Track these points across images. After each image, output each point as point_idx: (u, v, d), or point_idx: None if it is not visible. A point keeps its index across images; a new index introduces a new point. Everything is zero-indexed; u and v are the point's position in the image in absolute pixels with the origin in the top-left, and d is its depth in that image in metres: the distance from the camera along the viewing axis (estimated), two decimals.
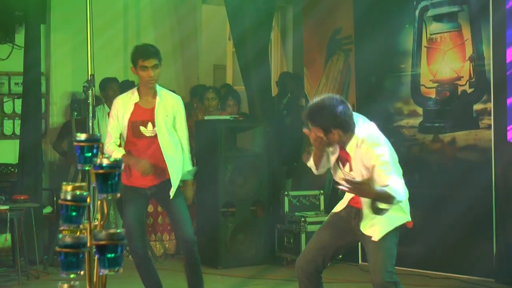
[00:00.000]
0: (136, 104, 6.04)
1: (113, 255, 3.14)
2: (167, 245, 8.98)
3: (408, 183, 7.69)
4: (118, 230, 3.18)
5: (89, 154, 3.37)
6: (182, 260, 6.31)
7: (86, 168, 3.39)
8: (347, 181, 4.53)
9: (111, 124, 6.13)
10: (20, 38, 9.03)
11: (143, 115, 6.02)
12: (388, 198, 4.62)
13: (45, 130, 9.49)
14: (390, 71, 8.12)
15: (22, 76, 8.83)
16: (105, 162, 3.28)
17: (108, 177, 3.28)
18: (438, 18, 7.67)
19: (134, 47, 6.18)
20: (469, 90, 7.47)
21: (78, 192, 3.23)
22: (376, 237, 4.90)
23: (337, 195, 8.74)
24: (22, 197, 7.88)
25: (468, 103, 7.48)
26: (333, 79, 9.04)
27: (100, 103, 8.96)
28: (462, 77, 7.51)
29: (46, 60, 9.51)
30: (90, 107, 7.41)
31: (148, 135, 6.00)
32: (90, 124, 7.38)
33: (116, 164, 3.29)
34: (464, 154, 7.55)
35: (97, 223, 3.31)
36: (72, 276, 3.13)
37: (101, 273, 3.16)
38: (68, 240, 3.12)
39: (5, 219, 7.54)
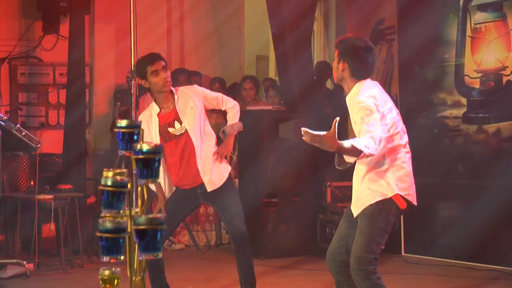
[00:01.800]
0: (158, 115, 5.97)
1: (152, 239, 3.15)
2: (208, 236, 9.02)
3: (452, 175, 7.76)
4: (158, 215, 3.20)
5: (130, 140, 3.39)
6: (225, 251, 6.31)
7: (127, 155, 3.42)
8: (305, 132, 4.40)
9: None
10: (64, 29, 9.12)
11: (168, 118, 5.94)
12: (354, 152, 4.46)
13: (89, 120, 9.58)
14: (433, 61, 8.04)
15: (66, 66, 8.90)
16: (145, 147, 3.29)
17: (149, 163, 3.29)
18: (482, 7, 7.57)
19: (136, 62, 6.12)
20: None
21: (118, 178, 3.25)
22: (355, 212, 4.86)
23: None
24: (66, 187, 7.96)
25: None
26: (376, 70, 8.95)
27: (143, 93, 9.01)
28: (507, 67, 7.41)
29: (90, 51, 9.61)
30: (134, 97, 7.43)
31: (178, 133, 5.93)
32: (133, 114, 7.42)
33: (156, 150, 3.30)
34: (508, 145, 7.46)
35: (138, 209, 3.33)
36: (112, 261, 3.16)
37: (140, 258, 3.18)
38: (108, 225, 3.14)
39: (49, 209, 7.62)
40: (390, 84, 8.91)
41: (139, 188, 3.38)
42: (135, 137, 3.41)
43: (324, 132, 4.40)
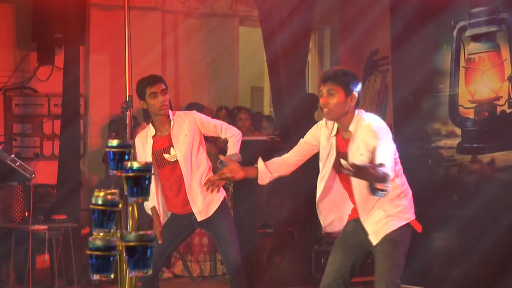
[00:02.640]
0: (153, 137, 5.98)
1: (142, 256, 3.13)
2: (202, 266, 8.98)
3: (447, 205, 7.75)
4: (148, 232, 3.19)
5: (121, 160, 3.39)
6: (220, 282, 6.29)
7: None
8: (352, 165, 4.38)
9: None
10: (60, 60, 9.14)
11: (163, 143, 5.96)
12: (385, 177, 4.45)
13: (84, 151, 9.57)
14: (427, 91, 8.06)
15: (61, 97, 8.91)
16: (135, 165, 3.29)
17: (139, 181, 3.29)
18: (476, 38, 7.61)
19: (137, 82, 6.08)
20: (508, 110, 7.39)
21: (109, 197, 3.25)
22: (375, 240, 4.83)
23: None
24: (60, 217, 7.95)
25: (507, 123, 7.39)
26: (370, 100, 9.03)
27: (138, 124, 9.02)
28: (501, 97, 7.43)
29: (85, 82, 9.62)
30: (128, 128, 7.43)
31: (172, 160, 5.94)
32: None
33: (146, 168, 3.30)
34: (503, 175, 7.46)
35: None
36: (103, 279, 3.14)
37: (130, 275, 3.16)
38: (98, 243, 3.12)
39: (43, 239, 7.60)
40: (384, 114, 8.94)
41: (130, 207, 3.37)
42: (126, 157, 3.41)
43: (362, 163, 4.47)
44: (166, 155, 5.93)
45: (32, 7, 9.02)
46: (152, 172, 3.41)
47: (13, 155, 7.31)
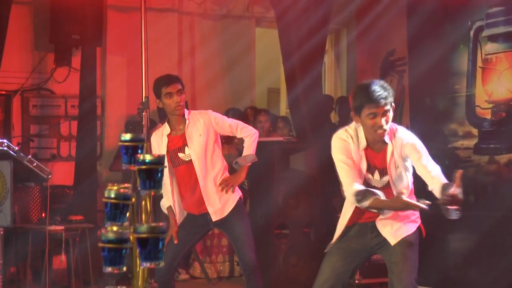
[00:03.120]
0: (168, 136, 5.99)
1: (154, 248, 3.13)
2: (221, 267, 8.98)
3: (463, 206, 7.70)
4: (160, 223, 3.19)
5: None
6: (236, 283, 6.28)
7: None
8: (452, 196, 4.57)
9: None
10: (76, 61, 9.18)
11: (178, 142, 5.96)
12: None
13: (100, 152, 9.60)
14: (444, 92, 8.04)
15: (78, 98, 8.95)
16: (148, 158, 3.28)
17: (151, 173, 3.29)
18: (493, 38, 7.58)
19: (154, 81, 6.10)
20: None
21: (122, 190, 3.24)
22: (393, 241, 4.87)
23: None
24: (77, 218, 7.97)
25: None
26: None
27: (155, 125, 9.03)
28: None
29: (102, 83, 9.65)
30: (145, 129, 7.45)
31: (187, 159, 5.95)
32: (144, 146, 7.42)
33: (159, 160, 3.29)
34: None
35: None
36: (115, 271, 3.14)
37: (142, 266, 3.16)
38: (110, 235, 3.12)
39: (60, 240, 7.62)
40: (401, 115, 8.91)
41: (143, 201, 3.38)
42: (139, 151, 3.41)
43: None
44: (180, 154, 5.94)
45: (50, 8, 9.07)
46: (166, 166, 3.40)
47: (30, 156, 7.35)
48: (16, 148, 7.04)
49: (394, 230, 4.88)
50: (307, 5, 8.84)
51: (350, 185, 4.75)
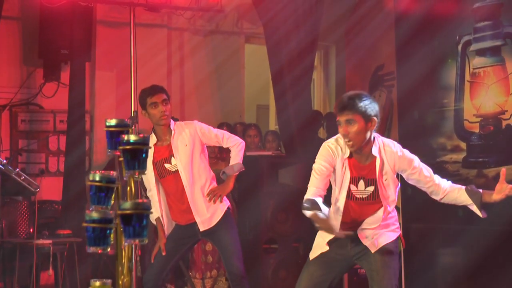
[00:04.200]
0: (154, 146, 6.00)
1: (138, 225, 3.11)
2: (207, 283, 8.94)
3: (452, 220, 7.71)
4: (144, 200, 3.16)
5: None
6: None
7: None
8: None
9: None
10: (65, 76, 9.17)
11: (164, 153, 5.98)
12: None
13: (89, 167, 9.57)
14: (432, 106, 8.04)
15: (67, 113, 8.93)
16: (132, 138, 3.26)
17: (136, 153, 3.27)
18: (481, 52, 7.60)
19: (140, 91, 6.13)
20: None
21: (106, 173, 3.23)
22: (374, 249, 4.93)
23: None
24: (65, 232, 7.94)
25: None
26: None
27: None
28: (506, 111, 7.41)
29: (91, 98, 9.64)
30: None
31: (173, 170, 5.95)
32: None
33: (144, 141, 3.28)
34: None
35: None
36: (99, 251, 3.11)
37: (126, 243, 3.13)
38: (95, 215, 3.10)
39: (48, 254, 7.58)
40: (389, 129, 8.92)
41: (128, 181, 3.35)
42: None
43: None
44: (167, 165, 5.95)
45: (39, 23, 9.05)
46: (150, 147, 3.38)
47: (18, 169, 7.33)
48: (4, 161, 7.02)
49: (375, 238, 4.91)
50: (296, 21, 8.87)
51: (308, 192, 4.81)
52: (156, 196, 6.00)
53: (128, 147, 3.27)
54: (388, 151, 4.92)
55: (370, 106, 4.81)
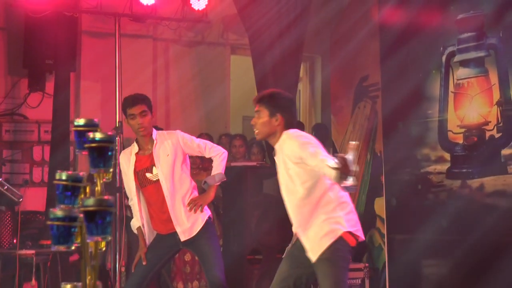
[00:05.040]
0: (136, 154, 6.01)
1: (102, 222, 3.08)
2: None
3: (436, 230, 7.72)
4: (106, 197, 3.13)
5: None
6: None
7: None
8: (341, 158, 4.47)
9: (124, 182, 6.14)
10: (50, 86, 9.14)
11: (145, 162, 5.97)
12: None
13: None
14: (417, 117, 8.07)
15: (51, 123, 8.90)
16: (98, 136, 3.24)
17: (103, 151, 3.24)
18: (465, 63, 7.64)
19: (123, 100, 6.16)
20: (497, 135, 7.40)
21: (73, 172, 3.21)
22: (313, 258, 4.91)
23: (365, 243, 8.68)
24: (48, 242, 7.88)
25: (496, 148, 7.40)
26: (360, 126, 9.02)
27: None
28: (490, 122, 7.45)
29: (76, 108, 9.60)
30: (118, 154, 7.42)
31: (154, 179, 5.95)
32: (118, 170, 7.38)
33: (110, 139, 3.26)
34: (492, 199, 7.45)
35: None
36: (63, 249, 3.08)
37: (89, 240, 3.10)
38: (59, 213, 3.07)
39: (31, 264, 7.54)
40: (374, 140, 8.93)
41: (96, 181, 3.32)
42: None
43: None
44: (148, 174, 5.95)
45: (23, 33, 9.02)
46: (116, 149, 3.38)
47: (1, 179, 7.30)
48: None
49: (314, 244, 4.93)
50: (280, 31, 8.88)
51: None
52: (137, 205, 6.00)
53: (94, 144, 3.24)
54: (281, 143, 5.10)
55: (278, 103, 5.08)
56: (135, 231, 6.11)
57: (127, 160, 6.02)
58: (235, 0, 9.16)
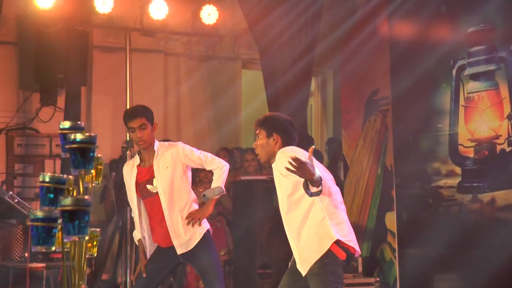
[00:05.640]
0: (138, 167, 6.01)
1: (80, 221, 3.06)
2: None
3: (447, 245, 7.69)
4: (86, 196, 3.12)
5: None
6: None
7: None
8: (294, 159, 4.52)
9: (127, 193, 6.14)
10: (62, 100, 9.19)
11: (146, 174, 5.97)
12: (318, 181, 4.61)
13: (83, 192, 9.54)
14: (427, 131, 8.06)
15: None
16: (79, 137, 3.24)
17: (85, 152, 3.24)
18: (475, 77, 7.62)
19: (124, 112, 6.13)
20: (508, 149, 7.37)
21: (56, 174, 3.21)
22: (303, 272, 4.91)
23: (376, 258, 8.66)
24: (59, 255, 7.89)
25: (507, 161, 7.37)
26: (370, 140, 8.99)
27: None
28: (501, 135, 7.42)
29: (87, 122, 9.64)
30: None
31: (154, 191, 5.94)
32: None
33: (91, 140, 3.25)
34: (504, 214, 7.41)
35: None
36: (42, 249, 3.08)
37: (66, 240, 3.08)
38: (39, 214, 3.06)
39: (41, 277, 7.54)
40: (384, 154, 8.90)
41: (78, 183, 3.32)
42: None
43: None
44: (149, 186, 5.95)
45: (35, 48, 9.08)
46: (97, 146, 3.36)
47: (11, 192, 7.31)
48: None
49: (300, 261, 4.95)
50: (291, 45, 8.89)
51: None
52: (137, 218, 6.01)
53: (74, 145, 3.25)
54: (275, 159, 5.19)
55: (276, 123, 5.19)
56: (136, 243, 6.12)
57: (129, 172, 6.03)
58: (246, 14, 9.17)
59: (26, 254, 8.17)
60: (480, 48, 7.55)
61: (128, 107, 8.63)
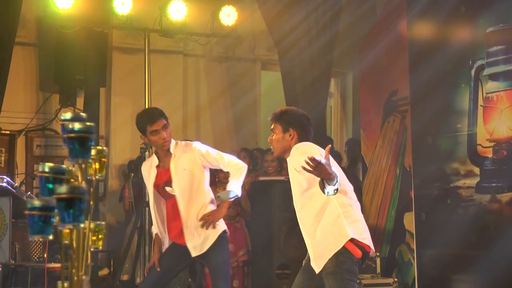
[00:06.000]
0: (156, 167, 5.99)
1: (76, 209, 3.04)
2: None
3: (466, 245, 7.65)
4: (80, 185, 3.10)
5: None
6: None
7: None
8: (311, 159, 4.47)
9: (149, 195, 6.17)
10: (81, 102, 9.23)
11: (164, 176, 5.95)
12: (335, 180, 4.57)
13: (103, 192, 9.59)
14: (446, 131, 8.02)
15: None
16: (77, 126, 3.22)
17: (83, 142, 3.22)
18: (494, 76, 7.57)
19: (137, 116, 6.04)
20: None
21: (56, 164, 3.19)
22: (316, 269, 4.89)
23: (394, 259, 8.63)
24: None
25: None
26: (389, 141, 8.97)
27: None
28: None
29: (106, 123, 9.68)
30: None
31: (173, 193, 5.94)
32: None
33: (89, 129, 3.23)
34: None
35: None
36: (39, 239, 3.06)
37: (61, 228, 3.07)
38: (37, 202, 3.05)
39: (59, 277, 7.55)
40: (403, 155, 8.88)
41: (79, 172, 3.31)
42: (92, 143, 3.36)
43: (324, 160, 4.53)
44: (167, 188, 5.95)
45: (54, 49, 9.13)
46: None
47: (29, 193, 7.34)
48: (16, 184, 7.04)
49: (314, 258, 4.94)
50: (310, 45, 8.89)
51: None
52: (153, 215, 6.03)
53: (72, 135, 3.23)
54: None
55: (292, 118, 5.14)
56: (153, 236, 6.16)
57: (147, 172, 6.03)
58: (264, 12, 9.17)
59: (45, 255, 8.21)
60: (499, 48, 7.50)
61: (147, 107, 8.65)
